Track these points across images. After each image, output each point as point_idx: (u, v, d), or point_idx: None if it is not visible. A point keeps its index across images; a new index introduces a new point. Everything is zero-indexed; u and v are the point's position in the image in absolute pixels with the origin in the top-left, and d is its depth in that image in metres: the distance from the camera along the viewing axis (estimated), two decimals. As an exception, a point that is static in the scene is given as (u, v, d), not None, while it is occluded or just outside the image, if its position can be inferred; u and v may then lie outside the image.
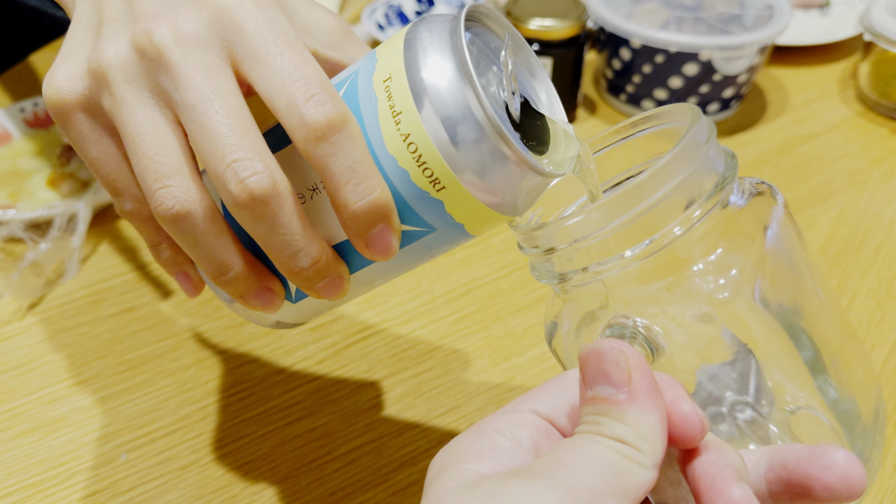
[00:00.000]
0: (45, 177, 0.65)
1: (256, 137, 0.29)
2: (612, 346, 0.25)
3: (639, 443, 0.24)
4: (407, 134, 0.29)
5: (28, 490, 0.46)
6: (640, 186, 0.30)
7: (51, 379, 0.52)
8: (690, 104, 0.34)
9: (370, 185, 0.29)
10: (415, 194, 0.29)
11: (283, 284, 0.33)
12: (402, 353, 0.53)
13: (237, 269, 0.31)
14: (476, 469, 0.25)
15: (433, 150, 0.28)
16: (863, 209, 0.66)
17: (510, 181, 0.30)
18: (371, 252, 0.30)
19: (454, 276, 0.59)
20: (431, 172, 0.29)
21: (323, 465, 0.47)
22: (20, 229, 0.60)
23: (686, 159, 0.31)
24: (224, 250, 0.31)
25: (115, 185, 0.32)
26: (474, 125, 0.28)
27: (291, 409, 0.50)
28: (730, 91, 0.74)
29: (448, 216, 0.30)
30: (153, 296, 0.58)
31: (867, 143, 0.74)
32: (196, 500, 0.45)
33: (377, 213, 0.29)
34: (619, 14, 0.73)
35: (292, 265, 0.30)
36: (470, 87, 0.28)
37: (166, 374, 0.52)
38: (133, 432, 0.49)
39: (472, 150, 0.28)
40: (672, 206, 0.31)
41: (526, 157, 0.29)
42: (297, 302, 0.34)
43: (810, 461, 0.25)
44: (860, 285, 0.58)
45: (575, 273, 0.33)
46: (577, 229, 0.31)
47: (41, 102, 0.73)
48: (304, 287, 0.31)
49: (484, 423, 0.27)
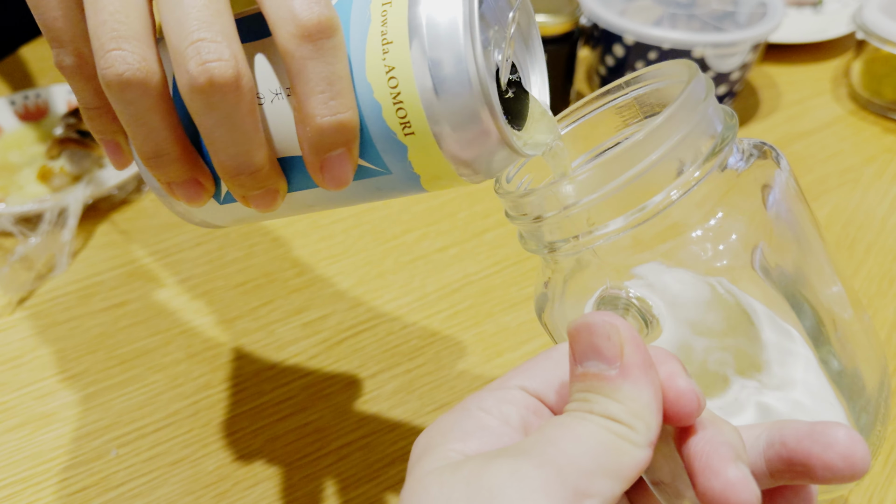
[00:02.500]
0: (36, 170, 0.65)
1: (229, 22, 0.27)
2: (603, 318, 0.24)
3: (632, 420, 0.23)
4: (392, 67, 0.27)
5: (18, 485, 0.45)
6: (634, 148, 0.29)
7: (41, 374, 0.52)
8: (687, 60, 0.33)
9: (343, 104, 0.27)
10: (381, 131, 0.28)
11: (214, 182, 0.31)
12: (395, 349, 0.53)
13: (172, 155, 0.29)
14: (461, 449, 0.24)
15: (414, 90, 0.27)
16: (855, 207, 0.66)
17: (481, 147, 0.28)
18: (323, 176, 0.28)
19: (447, 272, 0.59)
20: (405, 114, 0.28)
21: (315, 460, 0.47)
22: (10, 223, 0.60)
23: (683, 118, 0.29)
24: (163, 132, 0.29)
25: (59, 33, 0.29)
26: (463, 79, 0.27)
27: (283, 405, 0.50)
28: (723, 88, 0.74)
29: (408, 164, 0.29)
30: (144, 290, 0.57)
31: (859, 142, 0.74)
32: (187, 495, 0.45)
33: (342, 135, 0.27)
34: (613, 10, 0.73)
35: (230, 166, 0.28)
36: (470, 40, 0.27)
37: (157, 370, 0.52)
38: (124, 427, 0.48)
39: (453, 104, 0.27)
40: (668, 168, 0.29)
41: (504, 128, 0.28)
42: (223, 204, 0.32)
43: (811, 439, 0.24)
44: (852, 283, 0.58)
45: (565, 242, 0.31)
46: (567, 195, 0.30)
47: (31, 95, 0.72)
48: (236, 192, 0.30)
49: (470, 400, 0.26)
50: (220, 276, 0.59)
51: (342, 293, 0.57)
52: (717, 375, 0.34)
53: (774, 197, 0.32)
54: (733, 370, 0.34)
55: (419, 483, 0.23)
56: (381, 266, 0.60)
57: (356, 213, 0.65)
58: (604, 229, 0.30)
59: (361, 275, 0.59)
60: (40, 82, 0.80)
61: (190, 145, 0.30)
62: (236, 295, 0.57)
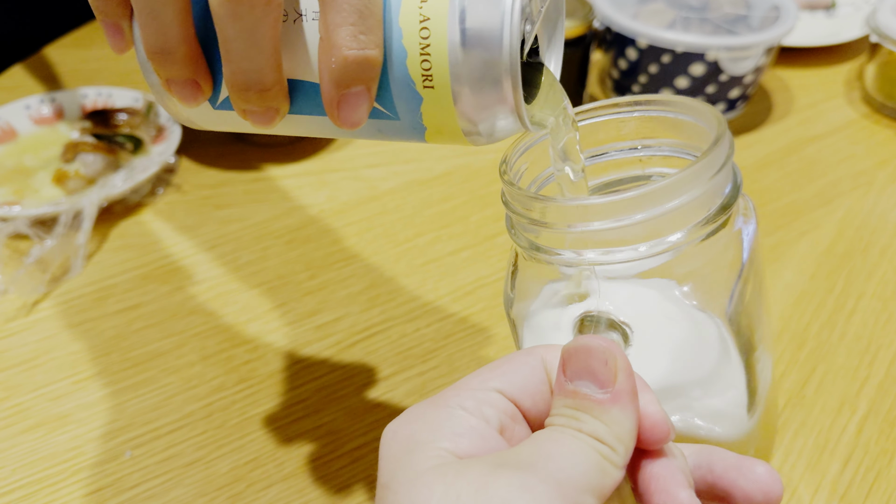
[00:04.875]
0: (51, 173, 0.65)
1: None
2: (602, 344, 0.25)
3: (615, 443, 0.25)
4: (426, 17, 0.27)
5: (33, 486, 0.46)
6: (655, 193, 0.30)
7: (56, 375, 0.52)
8: (715, 109, 0.34)
9: (371, 40, 0.27)
10: (401, 78, 0.28)
11: (213, 86, 0.30)
12: (408, 352, 0.53)
13: (178, 54, 0.28)
14: (451, 449, 0.25)
15: (444, 46, 0.27)
16: (868, 211, 0.65)
17: (493, 112, 0.29)
18: (339, 112, 0.28)
19: (459, 275, 0.59)
20: (430, 66, 0.27)
21: (328, 462, 0.47)
22: (26, 226, 0.60)
23: (706, 172, 0.31)
24: (175, 29, 0.28)
25: None
26: (496, 46, 0.27)
27: (296, 407, 0.50)
28: (736, 91, 0.74)
29: (418, 114, 0.29)
30: (158, 293, 0.58)
31: (873, 145, 0.74)
32: (200, 497, 0.45)
33: (365, 72, 0.27)
34: (626, 14, 0.73)
35: (241, 80, 0.28)
36: (510, 11, 0.27)
37: (171, 371, 0.52)
38: (138, 429, 0.48)
39: (479, 67, 0.27)
40: (682, 214, 0.31)
41: (520, 100, 0.28)
42: (217, 109, 0.32)
43: (738, 471, 0.27)
44: (866, 287, 0.58)
45: (560, 253, 0.32)
46: (574, 214, 0.31)
47: (46, 99, 0.73)
48: (238, 105, 0.29)
49: (448, 397, 0.27)
50: (233, 279, 0.59)
51: (355, 296, 0.57)
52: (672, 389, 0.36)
53: (749, 247, 0.34)
54: (677, 391, 0.36)
55: (419, 480, 0.24)
56: (394, 269, 0.60)
57: (368, 216, 0.65)
58: (607, 256, 0.31)
59: (374, 277, 0.59)
60: (55, 86, 0.80)
61: (198, 46, 0.29)
62: (250, 297, 0.57)
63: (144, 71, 0.31)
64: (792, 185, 0.69)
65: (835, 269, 0.59)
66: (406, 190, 0.68)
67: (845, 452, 0.46)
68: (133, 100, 0.73)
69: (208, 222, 0.64)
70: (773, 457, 0.46)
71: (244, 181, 0.69)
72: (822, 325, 0.55)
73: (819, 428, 0.48)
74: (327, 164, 0.71)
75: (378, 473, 0.26)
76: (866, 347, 0.53)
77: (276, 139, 0.72)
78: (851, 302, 0.57)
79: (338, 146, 0.73)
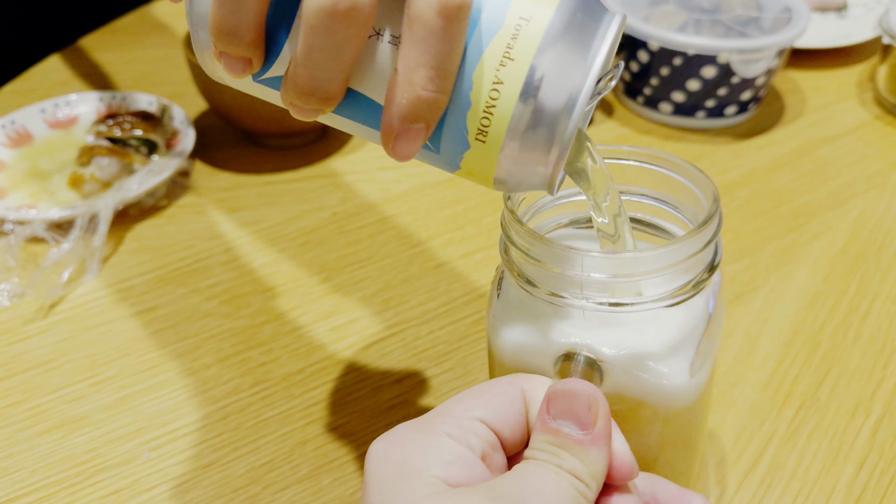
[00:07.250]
0: (66, 177, 0.66)
1: None
2: (587, 390, 0.29)
3: (590, 481, 0.28)
4: (501, 81, 0.28)
5: (51, 488, 0.46)
6: (651, 256, 0.32)
7: (73, 377, 0.52)
8: (712, 184, 0.35)
9: (444, 86, 0.27)
10: (457, 125, 0.29)
11: (265, 64, 0.30)
12: (422, 354, 0.53)
13: (245, 39, 0.28)
14: (443, 477, 0.27)
15: (508, 112, 0.28)
16: (882, 212, 0.65)
17: (528, 178, 0.30)
18: (395, 143, 0.29)
19: (473, 278, 0.59)
20: (488, 125, 0.28)
21: (343, 464, 0.47)
22: (42, 229, 0.61)
23: (700, 242, 0.33)
24: (250, 16, 0.28)
25: None
26: (559, 127, 0.28)
27: (312, 409, 0.50)
28: (748, 94, 0.74)
29: (460, 157, 0.30)
30: (174, 295, 0.58)
31: (886, 146, 0.74)
32: (217, 498, 0.45)
33: (431, 113, 0.28)
34: (637, 16, 0.73)
35: (308, 84, 0.28)
36: (581, 97, 0.28)
37: (187, 374, 0.52)
38: (154, 431, 0.49)
39: (535, 139, 0.28)
40: (675, 274, 0.33)
41: (559, 170, 0.29)
42: (257, 82, 0.31)
43: (679, 502, 0.31)
44: (880, 288, 0.58)
45: (564, 296, 0.33)
46: (574, 261, 0.32)
47: (61, 103, 0.73)
48: (288, 95, 0.29)
49: (435, 423, 0.29)
50: (248, 282, 0.59)
51: (369, 298, 0.58)
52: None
53: (714, 301, 0.36)
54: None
55: None
56: (407, 271, 0.60)
57: (382, 218, 0.65)
58: (589, 300, 0.33)
59: (387, 280, 0.59)
60: (70, 90, 0.81)
61: (264, 32, 0.29)
62: (264, 300, 0.58)
63: (193, 27, 0.30)
64: (805, 186, 0.69)
65: (849, 271, 0.59)
66: (419, 192, 0.68)
67: (860, 455, 0.46)
68: (147, 104, 0.73)
69: (222, 225, 0.65)
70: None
71: (258, 184, 0.69)
72: (837, 327, 0.55)
73: (833, 431, 0.48)
74: (340, 166, 0.71)
75: (365, 492, 0.28)
76: (881, 349, 0.53)
77: (290, 142, 0.72)
78: (866, 303, 0.57)
79: (350, 149, 0.73)
